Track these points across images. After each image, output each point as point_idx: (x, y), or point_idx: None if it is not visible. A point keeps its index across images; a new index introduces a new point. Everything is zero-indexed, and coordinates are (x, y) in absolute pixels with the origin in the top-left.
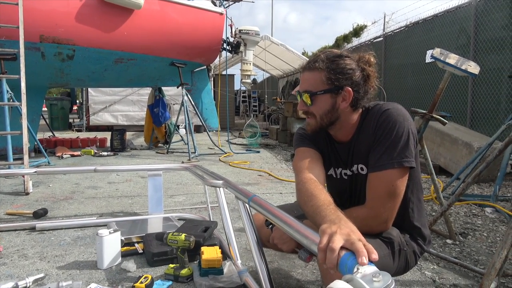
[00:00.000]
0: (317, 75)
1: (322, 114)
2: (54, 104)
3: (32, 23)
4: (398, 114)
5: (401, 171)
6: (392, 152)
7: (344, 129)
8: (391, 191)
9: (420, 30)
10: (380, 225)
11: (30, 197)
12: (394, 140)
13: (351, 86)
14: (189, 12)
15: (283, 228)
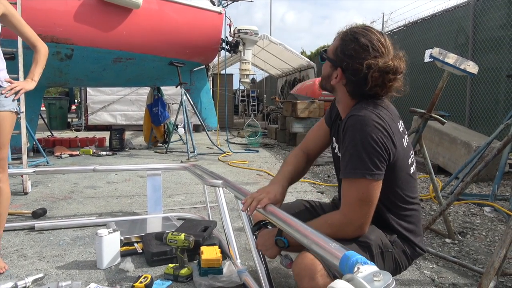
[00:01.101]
0: (336, 41)
1: (322, 76)
2: (52, 103)
3: (30, 22)
4: (362, 123)
5: (370, 180)
6: (356, 162)
7: (341, 105)
8: (362, 198)
9: (418, 29)
10: (355, 231)
11: (29, 196)
12: (357, 149)
13: (345, 71)
14: (187, 11)
15: (282, 227)
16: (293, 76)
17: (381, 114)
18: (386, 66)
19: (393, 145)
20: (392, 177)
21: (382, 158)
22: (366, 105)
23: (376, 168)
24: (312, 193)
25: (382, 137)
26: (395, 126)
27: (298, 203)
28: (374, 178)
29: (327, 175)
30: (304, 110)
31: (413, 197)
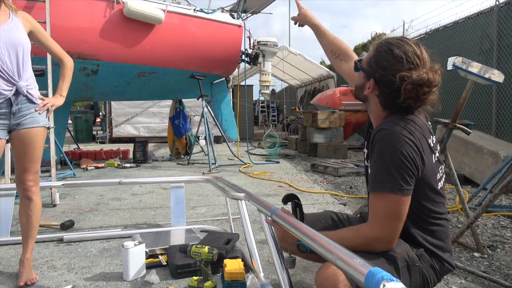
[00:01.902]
0: (371, 52)
1: (355, 86)
2: (78, 117)
3: (58, 39)
4: (391, 137)
5: (398, 196)
6: (385, 176)
7: (373, 115)
8: (390, 213)
9: (441, 37)
10: (383, 246)
11: (57, 208)
12: (386, 163)
13: (378, 82)
14: (208, 25)
15: (309, 243)
16: (313, 86)
17: (411, 129)
18: (420, 79)
19: (422, 161)
20: (419, 192)
21: (412, 173)
22: (396, 119)
23: (406, 183)
24: (334, 205)
25: (411, 152)
26: (425, 142)
27: (326, 214)
28: (403, 193)
29: (349, 186)
30: (324, 120)
31: (441, 212)
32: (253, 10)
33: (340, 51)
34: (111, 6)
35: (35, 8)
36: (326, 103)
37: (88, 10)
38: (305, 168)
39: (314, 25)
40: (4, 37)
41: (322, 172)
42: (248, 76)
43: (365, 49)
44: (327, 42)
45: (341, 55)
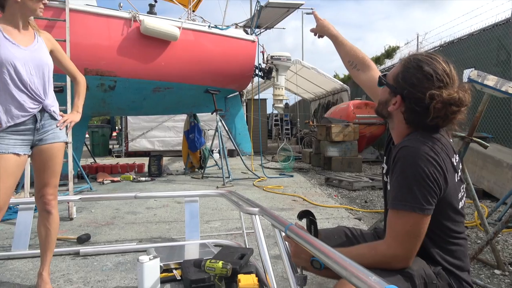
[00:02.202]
0: (397, 67)
1: (380, 102)
2: (95, 131)
3: (78, 57)
4: (414, 155)
5: (419, 215)
6: (406, 195)
7: (396, 131)
8: (409, 231)
9: (456, 49)
10: (399, 263)
11: (74, 222)
12: (408, 182)
13: (405, 99)
14: (222, 41)
15: (323, 259)
16: (327, 99)
17: (435, 148)
18: (450, 98)
19: (445, 181)
20: (440, 211)
21: (434, 192)
22: (421, 136)
23: (427, 202)
24: (349, 219)
25: (434, 172)
26: (449, 161)
27: (339, 230)
28: (424, 212)
29: (364, 201)
30: (338, 133)
31: (460, 232)
32: (266, 26)
33: (357, 61)
34: (128, 24)
35: (56, 27)
36: (340, 116)
37: (106, 28)
38: (319, 182)
39: (332, 36)
40: (32, 58)
41: (337, 186)
42: (261, 90)
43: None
44: (345, 52)
45: (358, 65)
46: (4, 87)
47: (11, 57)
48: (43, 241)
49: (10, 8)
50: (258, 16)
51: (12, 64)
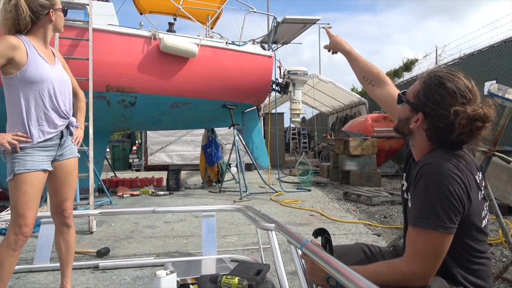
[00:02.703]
0: (417, 85)
1: (400, 119)
2: (116, 145)
3: (100, 74)
4: (438, 173)
5: (442, 233)
6: (429, 212)
7: (417, 148)
8: (430, 250)
9: (476, 61)
10: (418, 282)
11: (94, 236)
12: (431, 199)
13: (427, 116)
14: (239, 57)
15: (339, 278)
16: (344, 112)
17: (459, 165)
18: (475, 114)
19: (469, 199)
20: (463, 230)
21: (457, 211)
22: (444, 154)
23: (450, 221)
24: (368, 235)
25: (459, 190)
26: (473, 179)
27: (357, 246)
28: (447, 231)
29: (384, 216)
30: (356, 147)
31: (483, 251)
32: (283, 41)
33: (372, 77)
34: (148, 42)
35: (79, 46)
36: (358, 130)
37: (127, 46)
38: (337, 196)
39: (346, 51)
40: (60, 76)
41: (355, 200)
42: (279, 104)
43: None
44: (359, 68)
45: (373, 80)
46: (39, 104)
47: (49, 76)
48: (64, 255)
49: (42, 25)
50: (275, 32)
51: (50, 83)
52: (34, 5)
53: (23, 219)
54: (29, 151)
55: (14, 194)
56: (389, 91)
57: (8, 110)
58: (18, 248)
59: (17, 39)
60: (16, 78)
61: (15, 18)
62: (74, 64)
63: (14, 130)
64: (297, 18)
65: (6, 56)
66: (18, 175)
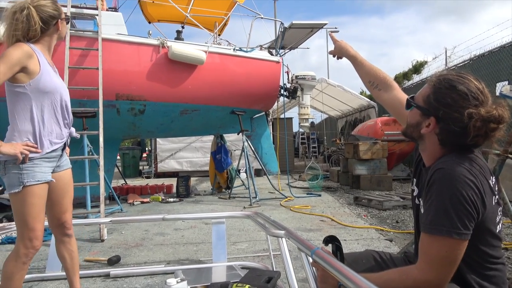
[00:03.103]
0: (426, 89)
1: (409, 124)
2: (126, 153)
3: (110, 83)
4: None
5: (456, 240)
6: (443, 218)
7: (427, 153)
8: (444, 257)
9: (486, 62)
10: None
11: (105, 244)
12: (445, 205)
13: (439, 120)
14: (247, 63)
15: (350, 286)
16: (354, 116)
17: (473, 170)
18: (490, 116)
19: (483, 205)
20: (477, 236)
21: (472, 217)
22: (456, 158)
23: (464, 227)
24: (379, 240)
25: (473, 195)
26: (487, 183)
27: (367, 253)
28: (461, 237)
29: (396, 221)
30: (366, 151)
31: (498, 257)
32: (290, 46)
33: (378, 81)
34: (157, 50)
35: (89, 56)
36: (368, 134)
37: (136, 55)
38: (348, 201)
39: (351, 56)
40: (64, 85)
41: (366, 205)
42: (287, 109)
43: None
44: (365, 73)
45: (379, 85)
46: (51, 114)
47: (59, 85)
48: (70, 265)
49: (49, 34)
50: (282, 37)
51: (60, 93)
52: (45, 15)
53: (33, 233)
54: (37, 162)
55: (22, 207)
56: (396, 95)
57: (14, 118)
58: (28, 261)
59: (30, 47)
60: (28, 87)
61: (26, 28)
62: (84, 73)
63: (23, 139)
64: (304, 23)
65: (22, 64)
66: (27, 187)
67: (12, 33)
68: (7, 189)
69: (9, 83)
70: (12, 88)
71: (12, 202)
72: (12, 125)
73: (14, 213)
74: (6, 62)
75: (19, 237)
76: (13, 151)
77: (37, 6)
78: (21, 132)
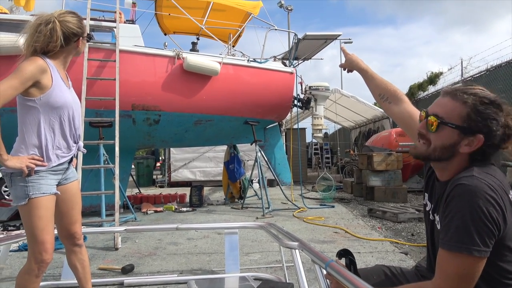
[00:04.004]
0: (458, 107)
1: (438, 146)
2: (140, 162)
3: (126, 93)
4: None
5: (475, 258)
6: (463, 235)
7: (448, 170)
8: (462, 274)
9: (504, 73)
10: None
11: (119, 252)
12: (465, 222)
13: (485, 136)
14: (261, 74)
15: None
16: (367, 127)
17: (493, 186)
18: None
19: (504, 221)
20: (496, 252)
21: (492, 234)
22: (476, 173)
23: (484, 244)
24: (394, 253)
25: (494, 212)
26: (507, 198)
27: (378, 269)
28: (481, 255)
29: (411, 234)
30: (381, 162)
31: None
32: (304, 57)
33: (388, 94)
34: (172, 62)
35: (107, 67)
36: (382, 145)
37: (152, 66)
38: (362, 213)
39: (362, 70)
40: (75, 100)
41: (380, 217)
42: (300, 119)
43: (422, 89)
44: (375, 86)
45: (389, 98)
46: (58, 129)
47: (69, 101)
48: (82, 274)
49: (67, 50)
50: (296, 48)
51: (70, 107)
52: (68, 31)
53: (42, 245)
54: (43, 174)
55: (30, 220)
56: (406, 108)
57: (22, 131)
58: (41, 274)
59: (44, 62)
60: (38, 101)
61: (47, 42)
62: (101, 84)
63: (28, 152)
64: (318, 34)
65: (35, 79)
66: (33, 200)
67: (32, 44)
68: (14, 201)
69: (21, 96)
70: (23, 101)
71: (21, 215)
72: (20, 137)
73: (24, 226)
74: (19, 77)
75: (30, 251)
76: (19, 165)
77: (62, 21)
78: (28, 145)
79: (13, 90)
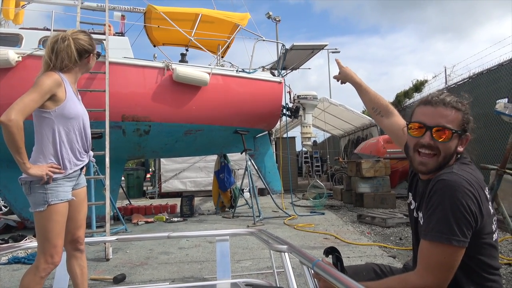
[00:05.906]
0: (457, 115)
1: (448, 154)
2: (130, 174)
3: (116, 104)
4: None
5: (455, 247)
6: (443, 226)
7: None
8: (443, 263)
9: (485, 80)
10: None
11: (110, 262)
12: (445, 214)
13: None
14: (250, 83)
15: None
16: (356, 135)
17: (471, 181)
18: None
19: (481, 213)
20: (474, 245)
21: (470, 225)
22: (456, 170)
23: (463, 235)
24: (383, 257)
25: (472, 204)
26: (483, 193)
27: (368, 266)
28: (460, 245)
29: (399, 238)
30: (369, 169)
31: (496, 267)
32: (292, 67)
33: (381, 108)
34: (162, 73)
35: (96, 79)
36: (370, 152)
37: (141, 77)
38: (351, 219)
39: (356, 83)
40: (85, 112)
41: (370, 223)
42: (290, 128)
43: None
44: (369, 100)
45: (382, 111)
46: (72, 138)
47: (81, 112)
48: (80, 280)
49: (79, 65)
50: (284, 58)
51: (81, 118)
52: (80, 48)
53: (55, 249)
54: (60, 182)
55: (47, 224)
56: (396, 121)
57: (39, 141)
58: (46, 276)
59: (59, 76)
60: (53, 113)
61: (62, 58)
62: (91, 95)
63: (47, 161)
64: (305, 44)
65: (52, 92)
66: (52, 206)
67: (49, 60)
68: (32, 207)
69: (37, 109)
70: (39, 113)
71: (36, 220)
72: (37, 147)
73: (37, 230)
74: (39, 91)
75: (40, 253)
76: (40, 173)
77: (76, 39)
78: (46, 154)
79: (34, 103)
